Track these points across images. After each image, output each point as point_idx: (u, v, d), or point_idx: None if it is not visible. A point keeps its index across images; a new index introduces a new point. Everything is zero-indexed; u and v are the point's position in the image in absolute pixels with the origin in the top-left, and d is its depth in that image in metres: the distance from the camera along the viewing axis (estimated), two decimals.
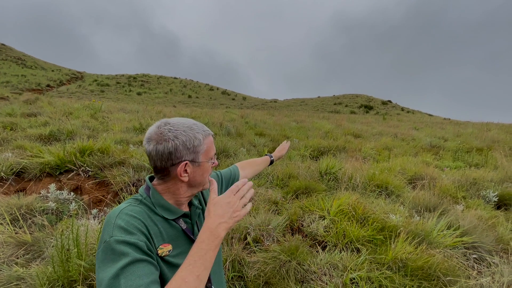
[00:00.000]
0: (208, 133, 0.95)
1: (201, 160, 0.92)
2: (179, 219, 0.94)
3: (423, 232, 2.07)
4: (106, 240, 0.73)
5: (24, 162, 3.34)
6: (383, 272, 1.67)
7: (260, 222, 2.18)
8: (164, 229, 0.88)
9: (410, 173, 3.86)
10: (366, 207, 2.41)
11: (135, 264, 0.69)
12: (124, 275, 0.67)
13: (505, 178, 3.85)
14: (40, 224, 2.50)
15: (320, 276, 1.67)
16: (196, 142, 0.90)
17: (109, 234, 0.74)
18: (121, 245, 0.71)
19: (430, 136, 7.93)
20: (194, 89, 48.29)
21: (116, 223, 0.76)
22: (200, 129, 0.92)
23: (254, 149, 5.15)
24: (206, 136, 0.93)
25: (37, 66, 44.43)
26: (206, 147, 0.92)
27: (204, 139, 0.92)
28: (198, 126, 0.94)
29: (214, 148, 0.98)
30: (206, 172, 0.94)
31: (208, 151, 0.93)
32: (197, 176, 0.92)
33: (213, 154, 0.96)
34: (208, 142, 0.94)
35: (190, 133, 0.89)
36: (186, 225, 0.94)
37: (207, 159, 0.93)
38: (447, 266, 1.69)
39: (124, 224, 0.76)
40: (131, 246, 0.72)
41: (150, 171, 3.41)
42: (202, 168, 0.93)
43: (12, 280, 1.74)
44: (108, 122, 6.17)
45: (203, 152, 0.92)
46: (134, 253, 0.71)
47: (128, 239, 0.73)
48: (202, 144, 0.91)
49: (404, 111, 37.26)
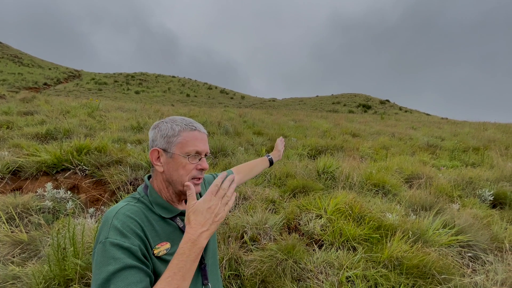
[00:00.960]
0: (190, 127, 0.92)
1: (173, 152, 0.90)
2: (176, 218, 0.94)
3: (419, 230, 2.08)
4: (102, 241, 0.74)
5: (21, 160, 3.33)
6: (379, 271, 1.68)
7: (257, 221, 2.18)
8: (161, 228, 0.88)
9: (407, 172, 3.88)
10: (362, 206, 2.42)
11: (126, 270, 0.70)
12: (114, 280, 0.68)
13: (501, 177, 3.88)
14: (37, 223, 2.49)
15: (316, 275, 1.68)
16: (171, 133, 0.90)
17: (104, 235, 0.75)
18: (114, 248, 0.72)
19: (427, 136, 7.97)
20: (193, 88, 48.18)
21: (113, 224, 0.77)
22: (182, 123, 0.92)
23: (252, 148, 5.15)
24: (185, 129, 0.91)
25: (34, 64, 44.13)
26: (181, 139, 0.90)
27: (181, 131, 0.91)
28: (184, 121, 0.93)
29: (198, 146, 0.92)
30: (181, 168, 0.90)
31: (184, 144, 0.90)
32: (171, 170, 0.91)
33: (191, 150, 0.90)
34: (187, 135, 0.91)
35: (169, 124, 0.92)
36: (183, 224, 0.93)
37: (181, 153, 0.90)
38: (442, 264, 1.71)
39: (120, 226, 0.77)
40: (124, 250, 0.73)
41: (147, 170, 3.40)
42: (176, 162, 0.90)
43: (8, 279, 1.74)
44: (106, 121, 6.15)
45: (176, 144, 0.90)
46: (126, 259, 0.71)
47: (122, 242, 0.74)
48: (177, 136, 0.90)
49: (402, 111, 37.40)
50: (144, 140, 4.72)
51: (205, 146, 0.94)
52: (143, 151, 3.88)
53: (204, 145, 0.94)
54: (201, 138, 0.93)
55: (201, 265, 0.94)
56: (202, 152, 0.93)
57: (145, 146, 4.24)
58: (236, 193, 0.72)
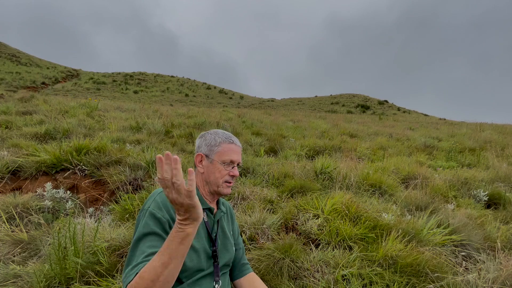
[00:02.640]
0: (229, 140, 1.14)
1: (213, 158, 1.11)
2: (203, 212, 1.09)
3: (414, 230, 2.12)
4: (146, 209, 0.99)
5: (20, 160, 3.34)
6: (374, 269, 1.72)
7: (255, 221, 2.22)
8: None
9: (403, 172, 3.92)
10: (359, 206, 2.46)
11: (151, 235, 0.92)
12: (143, 240, 0.92)
13: (496, 178, 3.94)
14: (37, 223, 2.51)
15: (312, 273, 1.72)
16: (213, 142, 1.13)
17: (148, 205, 1.00)
18: (150, 216, 0.96)
19: (424, 136, 8.03)
20: (192, 88, 48.14)
21: (156, 199, 1.01)
22: (222, 136, 1.15)
23: (250, 148, 5.19)
24: (225, 141, 1.13)
25: (31, 63, 43.95)
26: (221, 149, 1.12)
27: (222, 143, 1.13)
28: (225, 135, 1.16)
29: (232, 156, 1.12)
30: (217, 172, 1.10)
31: (222, 153, 1.11)
32: (210, 173, 1.11)
33: (227, 159, 1.11)
34: (226, 147, 1.12)
35: (213, 136, 1.15)
36: (208, 219, 1.12)
37: (219, 160, 1.10)
38: (435, 263, 1.75)
39: (160, 201, 1.00)
40: (156, 220, 0.95)
41: (146, 170, 3.43)
42: (214, 167, 1.11)
43: (9, 277, 1.76)
44: (105, 121, 6.16)
45: (217, 152, 1.11)
46: (154, 227, 0.94)
47: (156, 213, 0.96)
48: (218, 146, 1.12)
49: (400, 111, 37.52)
50: (143, 140, 4.75)
51: (238, 157, 1.15)
52: (142, 151, 3.91)
53: (238, 156, 1.15)
54: (236, 150, 1.15)
55: (214, 262, 1.10)
56: (235, 162, 1.14)
57: (144, 147, 4.26)
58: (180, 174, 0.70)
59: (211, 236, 1.10)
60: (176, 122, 6.66)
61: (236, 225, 1.34)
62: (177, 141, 5.00)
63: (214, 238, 1.11)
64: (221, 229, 1.18)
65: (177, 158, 0.69)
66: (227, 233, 1.20)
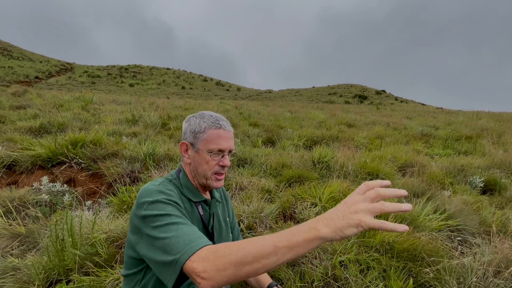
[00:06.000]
0: (216, 125, 0.96)
1: (199, 147, 0.97)
2: (198, 205, 1.02)
3: (410, 216, 2.14)
4: (145, 201, 0.84)
5: (15, 154, 3.31)
6: (371, 255, 1.74)
7: (253, 210, 2.22)
8: (186, 210, 0.96)
9: (400, 161, 3.94)
10: None
11: (173, 215, 0.81)
12: (174, 225, 0.78)
13: (492, 165, 3.97)
14: (34, 216, 2.50)
15: (310, 260, 1.74)
16: (197, 128, 0.97)
17: (146, 197, 0.86)
18: (161, 204, 0.83)
19: (421, 125, 8.05)
20: (188, 80, 47.62)
21: (156, 189, 0.88)
22: (208, 120, 0.97)
23: (248, 139, 5.17)
24: (211, 127, 0.96)
25: (24, 57, 43.11)
26: (206, 136, 0.96)
27: (207, 129, 0.96)
28: (212, 118, 0.99)
29: (221, 143, 0.96)
30: (204, 163, 0.97)
31: (208, 141, 0.95)
32: (197, 164, 0.99)
33: (214, 147, 0.95)
34: (212, 133, 0.96)
35: (197, 120, 0.99)
36: (203, 212, 1.03)
37: (205, 149, 0.96)
38: (431, 247, 1.77)
39: (163, 189, 0.89)
40: (166, 204, 0.84)
41: (143, 163, 3.41)
42: (200, 157, 0.97)
43: (8, 270, 1.76)
44: (100, 114, 6.09)
45: (202, 140, 0.96)
46: (169, 207, 0.83)
47: (162, 199, 0.85)
48: (203, 132, 0.96)
49: (397, 101, 37.47)
50: (139, 133, 4.71)
51: (228, 143, 0.98)
52: (139, 144, 3.88)
53: (228, 142, 0.98)
54: (225, 136, 0.97)
55: None
56: (225, 150, 0.98)
57: (141, 139, 4.23)
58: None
59: (208, 230, 1.03)
60: (173, 115, 6.60)
61: (231, 206, 1.27)
62: (174, 133, 4.97)
63: (211, 231, 1.05)
64: (217, 218, 1.11)
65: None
66: (223, 222, 1.15)
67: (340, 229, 0.57)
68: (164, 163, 3.34)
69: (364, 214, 0.56)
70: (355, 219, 0.56)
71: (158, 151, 3.51)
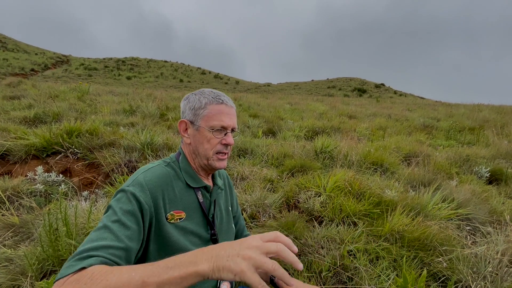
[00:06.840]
0: (217, 100, 0.90)
1: (199, 124, 0.90)
2: (198, 191, 0.94)
3: (419, 205, 2.07)
4: (124, 189, 0.79)
5: (8, 144, 3.19)
6: (380, 244, 1.67)
7: (256, 199, 2.14)
8: (182, 196, 0.89)
9: (404, 151, 3.87)
10: (362, 183, 2.39)
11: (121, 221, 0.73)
12: (115, 224, 0.72)
13: (497, 155, 3.91)
14: (28, 207, 2.41)
15: (317, 249, 1.66)
16: (198, 105, 0.90)
17: (127, 184, 0.81)
18: (130, 197, 0.77)
19: (423, 117, 7.97)
20: (186, 73, 47.16)
21: (138, 178, 0.82)
22: (209, 95, 0.91)
23: (248, 130, 5.07)
24: (212, 102, 0.90)
25: (19, 49, 42.42)
26: (207, 112, 0.89)
27: (208, 104, 0.89)
28: (213, 93, 0.92)
29: (223, 120, 0.89)
30: (206, 141, 0.90)
31: (210, 117, 0.89)
32: (197, 143, 0.91)
33: (216, 124, 0.89)
34: (214, 109, 0.89)
35: (197, 97, 0.92)
36: (203, 199, 0.95)
37: (207, 126, 0.89)
38: (442, 236, 1.70)
39: (144, 181, 0.81)
40: (135, 202, 0.77)
41: (141, 152, 3.31)
42: (202, 135, 0.90)
43: (1, 261, 1.68)
44: (97, 105, 5.96)
45: (203, 116, 0.89)
46: (130, 208, 0.76)
47: (138, 195, 0.78)
48: (204, 108, 0.89)
49: (397, 94, 37.36)
50: (137, 123, 4.59)
51: (231, 120, 0.92)
52: (136, 133, 3.77)
53: (231, 119, 0.92)
54: (227, 112, 0.91)
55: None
56: (228, 127, 0.91)
57: (139, 129, 4.12)
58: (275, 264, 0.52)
59: (207, 218, 0.95)
60: (171, 105, 6.48)
61: (235, 195, 1.19)
62: (172, 124, 4.86)
63: (211, 220, 0.96)
64: (219, 207, 1.02)
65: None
66: (225, 211, 1.05)
67: (219, 269, 0.52)
68: (162, 152, 3.25)
69: (249, 265, 0.51)
70: (238, 267, 0.51)
71: (156, 140, 3.41)
